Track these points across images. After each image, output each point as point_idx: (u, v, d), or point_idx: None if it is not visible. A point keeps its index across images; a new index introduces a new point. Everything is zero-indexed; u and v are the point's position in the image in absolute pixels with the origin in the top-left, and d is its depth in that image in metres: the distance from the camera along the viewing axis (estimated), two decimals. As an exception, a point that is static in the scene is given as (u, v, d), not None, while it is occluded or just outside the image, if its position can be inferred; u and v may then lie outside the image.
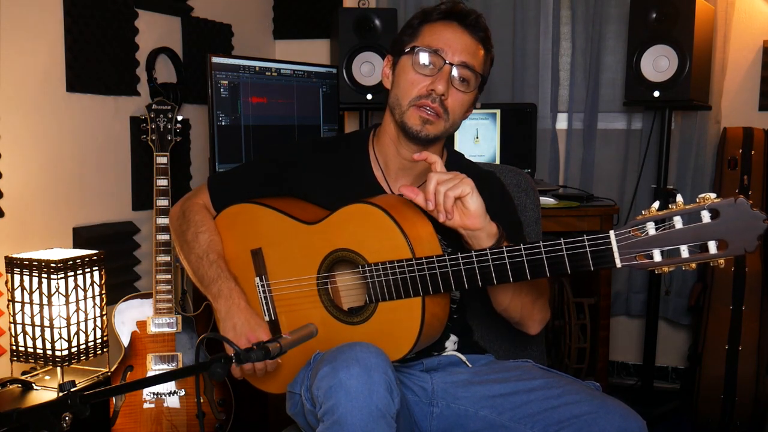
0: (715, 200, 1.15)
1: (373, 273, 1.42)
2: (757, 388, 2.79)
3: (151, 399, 2.27)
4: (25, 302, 2.10)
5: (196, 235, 1.64)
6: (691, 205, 1.17)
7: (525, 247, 1.31)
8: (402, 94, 1.53)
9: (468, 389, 1.52)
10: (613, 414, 1.36)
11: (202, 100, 2.86)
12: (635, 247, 1.21)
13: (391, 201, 1.48)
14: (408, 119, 1.52)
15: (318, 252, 1.50)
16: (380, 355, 1.31)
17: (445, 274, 1.37)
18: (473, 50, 1.53)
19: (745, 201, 1.14)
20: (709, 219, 1.16)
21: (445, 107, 1.51)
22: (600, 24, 3.18)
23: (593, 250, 1.25)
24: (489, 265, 1.33)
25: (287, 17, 3.54)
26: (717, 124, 3.06)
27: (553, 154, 3.27)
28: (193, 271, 1.64)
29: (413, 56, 1.52)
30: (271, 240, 1.57)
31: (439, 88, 1.49)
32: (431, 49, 1.51)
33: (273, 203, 1.59)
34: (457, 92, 1.52)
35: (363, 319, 1.46)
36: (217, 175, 1.80)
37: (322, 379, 1.29)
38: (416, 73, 1.51)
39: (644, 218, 1.21)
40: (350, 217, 1.46)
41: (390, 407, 1.28)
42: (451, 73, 1.50)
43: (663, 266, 1.21)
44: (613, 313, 3.18)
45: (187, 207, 1.71)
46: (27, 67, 2.24)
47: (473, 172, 1.64)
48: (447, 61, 1.50)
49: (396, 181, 1.61)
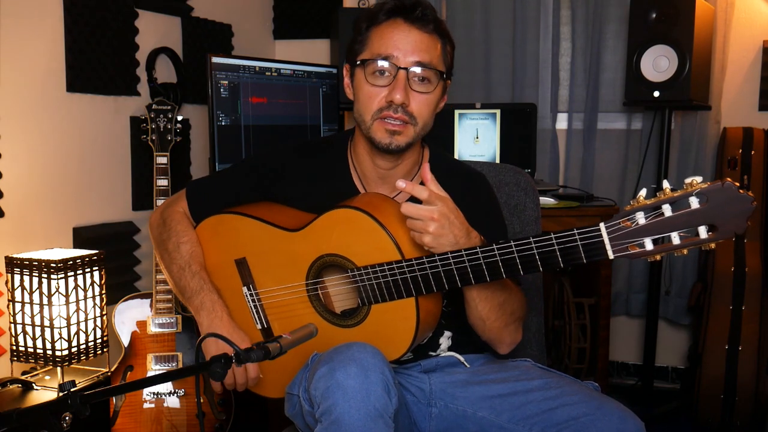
0: (702, 185, 1.16)
1: (363, 276, 1.42)
2: (757, 388, 2.79)
3: (151, 399, 2.27)
4: (25, 302, 2.10)
5: (177, 245, 1.62)
6: (678, 192, 1.18)
7: (516, 243, 1.30)
8: (363, 109, 1.48)
9: (466, 389, 1.52)
10: (611, 416, 1.35)
11: (202, 100, 2.86)
12: (626, 238, 1.22)
13: (373, 201, 1.47)
14: (374, 134, 1.47)
15: (304, 258, 1.49)
16: (377, 355, 1.31)
17: (436, 274, 1.36)
18: (426, 46, 1.45)
19: (732, 184, 1.15)
20: (698, 204, 1.17)
21: (409, 113, 1.45)
22: (600, 24, 3.18)
23: (584, 243, 1.25)
24: (480, 263, 1.33)
25: (287, 17, 3.54)
26: (717, 124, 3.06)
27: (553, 154, 3.27)
28: (174, 282, 1.62)
29: (365, 68, 1.46)
30: (254, 249, 1.56)
31: (397, 97, 1.42)
32: (380, 56, 1.43)
33: (253, 212, 1.57)
34: (418, 95, 1.45)
35: (357, 322, 1.46)
36: (196, 183, 1.75)
37: (319, 379, 1.29)
38: (371, 86, 1.45)
39: (633, 208, 1.21)
40: (334, 222, 1.45)
41: (387, 407, 1.27)
42: (407, 77, 1.43)
43: (656, 254, 1.21)
44: (613, 313, 3.18)
45: (168, 215, 1.68)
46: (27, 67, 2.24)
47: (459, 176, 1.63)
48: (399, 66, 1.43)
49: (375, 189, 1.58)
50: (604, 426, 1.34)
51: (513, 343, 1.56)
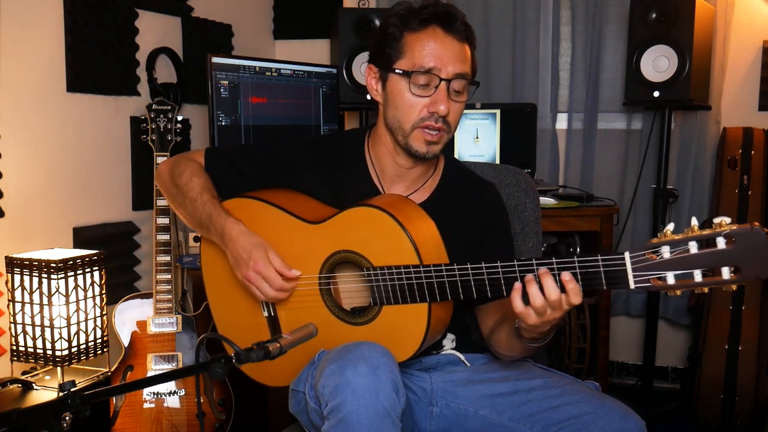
0: (731, 227, 1.15)
1: (379, 277, 1.42)
2: (757, 388, 2.79)
3: (151, 399, 2.27)
4: (25, 302, 2.10)
5: (190, 178, 1.61)
6: (707, 230, 1.17)
7: (537, 262, 1.29)
8: (403, 118, 1.49)
9: (467, 388, 1.53)
10: (612, 414, 1.36)
11: (202, 100, 2.86)
12: (649, 270, 1.21)
13: (395, 203, 1.47)
14: (413, 142, 1.49)
15: (320, 252, 1.50)
16: (386, 354, 1.31)
17: (453, 283, 1.36)
18: (463, 56, 1.48)
19: (760, 229, 1.15)
20: (725, 245, 1.16)
21: (447, 122, 1.48)
22: (600, 24, 3.18)
23: (607, 270, 1.24)
24: (499, 277, 1.32)
25: (287, 17, 3.54)
26: (717, 124, 3.06)
27: (553, 154, 3.27)
28: (189, 215, 1.60)
29: (409, 80, 1.46)
30: (272, 237, 1.56)
31: (441, 109, 1.45)
32: (424, 68, 1.44)
33: (275, 200, 1.58)
34: (455, 104, 1.48)
35: (367, 321, 1.46)
36: (217, 148, 1.75)
37: (328, 377, 1.29)
38: (414, 96, 1.46)
39: (659, 241, 1.20)
40: (355, 219, 1.46)
41: (396, 406, 1.28)
42: (448, 88, 1.46)
43: (676, 289, 1.21)
44: (613, 313, 3.18)
45: (181, 158, 1.68)
46: (27, 67, 2.24)
47: (472, 184, 1.65)
48: (442, 78, 1.45)
49: (391, 185, 1.59)
50: (605, 424, 1.34)
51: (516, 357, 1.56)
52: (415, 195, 1.58)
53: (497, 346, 1.50)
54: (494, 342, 1.51)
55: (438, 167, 1.63)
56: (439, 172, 1.63)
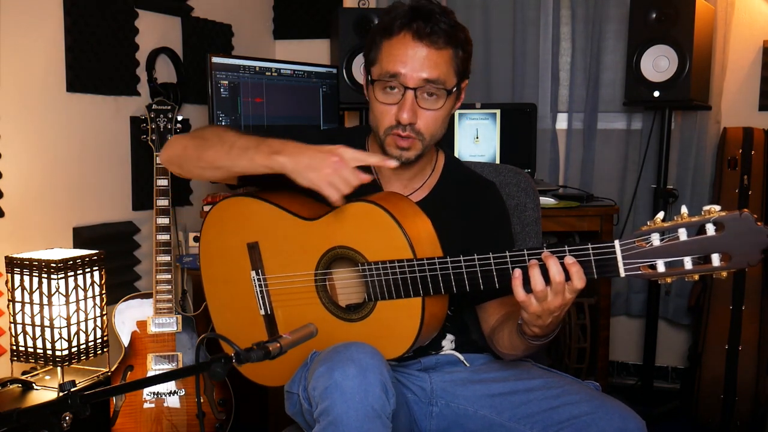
0: (720, 213, 1.15)
1: (374, 272, 1.42)
2: (757, 388, 2.79)
3: (151, 399, 2.27)
4: (25, 302, 2.10)
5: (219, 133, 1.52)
6: (696, 217, 1.17)
7: (529, 251, 1.29)
8: (375, 124, 1.50)
9: (467, 388, 1.53)
10: (612, 414, 1.36)
11: (202, 100, 2.86)
12: (639, 258, 1.21)
13: (390, 199, 1.48)
14: (387, 146, 1.49)
15: (316, 248, 1.50)
16: (376, 355, 1.31)
17: (446, 276, 1.37)
18: (434, 62, 1.43)
19: (749, 215, 1.14)
20: (714, 232, 1.16)
21: (417, 131, 1.46)
22: (600, 24, 3.18)
23: (597, 259, 1.24)
24: (491, 269, 1.33)
25: (287, 17, 3.54)
26: (717, 124, 3.06)
27: (553, 154, 3.28)
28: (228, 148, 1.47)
29: (374, 86, 1.47)
30: (268, 234, 1.56)
31: (404, 117, 1.43)
32: (388, 74, 1.43)
33: (270, 197, 1.58)
34: (426, 112, 1.45)
35: (361, 317, 1.46)
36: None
37: (317, 379, 1.29)
38: (381, 104, 1.46)
39: (649, 229, 1.20)
40: (350, 215, 1.46)
41: (385, 407, 1.28)
42: (415, 95, 1.43)
43: (666, 277, 1.21)
44: (613, 313, 3.18)
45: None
46: (27, 67, 2.24)
47: (473, 183, 1.65)
48: (407, 86, 1.43)
49: (388, 183, 1.60)
50: (605, 424, 1.34)
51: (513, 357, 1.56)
52: (413, 193, 1.58)
53: (499, 344, 1.50)
54: (496, 340, 1.51)
55: (437, 166, 1.63)
56: (438, 171, 1.63)
